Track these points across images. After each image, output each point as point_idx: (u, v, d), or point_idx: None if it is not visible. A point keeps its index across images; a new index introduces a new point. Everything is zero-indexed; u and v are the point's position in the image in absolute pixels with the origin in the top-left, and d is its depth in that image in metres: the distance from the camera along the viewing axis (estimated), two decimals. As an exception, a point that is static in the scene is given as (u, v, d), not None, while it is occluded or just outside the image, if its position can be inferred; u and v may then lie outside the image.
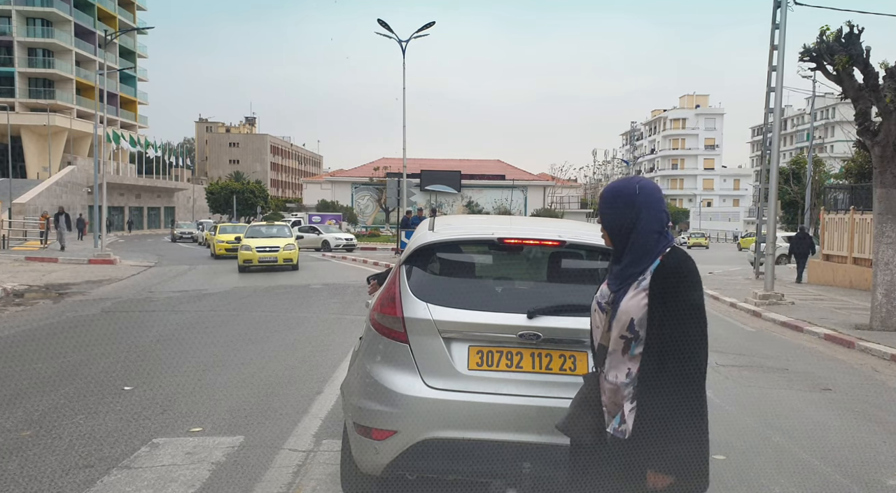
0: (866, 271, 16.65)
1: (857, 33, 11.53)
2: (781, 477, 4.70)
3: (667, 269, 2.38)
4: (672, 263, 2.39)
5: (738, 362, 8.92)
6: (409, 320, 3.38)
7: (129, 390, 6.54)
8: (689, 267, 2.40)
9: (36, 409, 5.82)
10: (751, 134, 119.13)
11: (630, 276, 2.45)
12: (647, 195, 2.47)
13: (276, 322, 11.34)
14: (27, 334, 10.02)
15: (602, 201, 2.56)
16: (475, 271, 3.87)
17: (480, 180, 57.59)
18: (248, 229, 24.65)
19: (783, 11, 15.86)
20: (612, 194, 2.53)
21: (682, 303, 2.33)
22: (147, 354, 8.48)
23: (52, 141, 58.60)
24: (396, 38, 29.74)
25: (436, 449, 3.24)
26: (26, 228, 40.94)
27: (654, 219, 2.45)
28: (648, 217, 2.45)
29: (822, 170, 37.62)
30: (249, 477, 4.35)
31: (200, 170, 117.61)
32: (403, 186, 26.81)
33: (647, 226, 2.44)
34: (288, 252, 21.96)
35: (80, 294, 15.05)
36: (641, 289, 2.40)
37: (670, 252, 2.43)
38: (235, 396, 6.40)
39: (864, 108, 11.38)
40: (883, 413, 6.73)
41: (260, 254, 21.60)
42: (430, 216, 4.44)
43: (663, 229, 2.46)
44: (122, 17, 75.46)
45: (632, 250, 2.46)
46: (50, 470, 4.40)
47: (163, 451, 4.81)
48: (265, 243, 21.98)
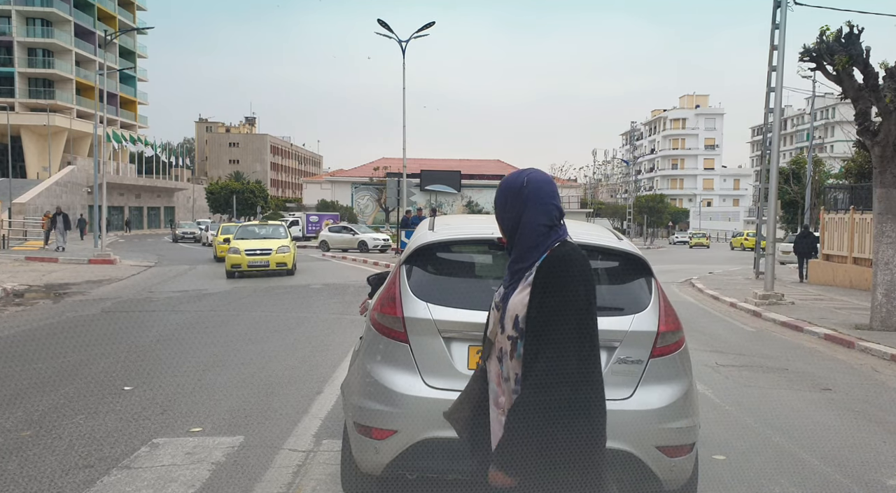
0: (866, 270, 16.65)
1: (856, 33, 11.53)
2: (781, 477, 4.70)
3: (548, 262, 2.28)
4: (555, 256, 2.29)
5: (738, 362, 8.92)
6: (410, 319, 3.40)
7: (129, 390, 6.54)
8: (573, 262, 2.27)
9: (36, 409, 5.83)
10: (751, 134, 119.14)
11: (517, 271, 2.37)
12: (534, 188, 2.37)
13: (276, 322, 11.34)
14: (27, 334, 10.02)
15: (495, 195, 2.50)
16: (475, 271, 3.90)
17: (480, 180, 57.66)
18: (239, 230, 22.30)
19: (783, 11, 15.87)
20: (502, 187, 2.45)
21: (556, 298, 2.21)
22: (147, 354, 8.48)
23: (52, 141, 58.62)
24: (396, 39, 29.75)
25: (436, 449, 3.24)
26: (26, 227, 40.95)
27: (541, 212, 2.35)
28: (535, 210, 2.35)
29: (822, 170, 37.62)
30: (249, 477, 4.35)
31: (200, 170, 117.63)
32: (403, 186, 26.82)
33: (533, 219, 2.34)
34: (282, 255, 19.88)
35: (80, 294, 15.05)
36: (527, 284, 2.30)
37: (559, 246, 2.32)
38: (235, 396, 6.40)
39: (864, 108, 11.38)
40: (883, 413, 6.73)
41: (249, 258, 19.46)
42: (430, 216, 4.45)
43: (554, 223, 2.37)
44: (122, 17, 75.48)
45: (518, 244, 2.38)
46: (50, 470, 4.40)
47: (163, 451, 4.81)
48: (256, 246, 19.94)
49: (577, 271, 2.26)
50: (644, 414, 3.31)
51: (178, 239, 47.77)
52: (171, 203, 78.83)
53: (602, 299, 3.58)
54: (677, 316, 3.60)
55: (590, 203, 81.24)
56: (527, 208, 2.36)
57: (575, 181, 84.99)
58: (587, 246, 3.71)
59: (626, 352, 3.36)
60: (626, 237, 4.00)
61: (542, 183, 2.40)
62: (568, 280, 2.23)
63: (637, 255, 3.69)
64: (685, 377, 3.51)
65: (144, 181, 71.14)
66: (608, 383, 3.23)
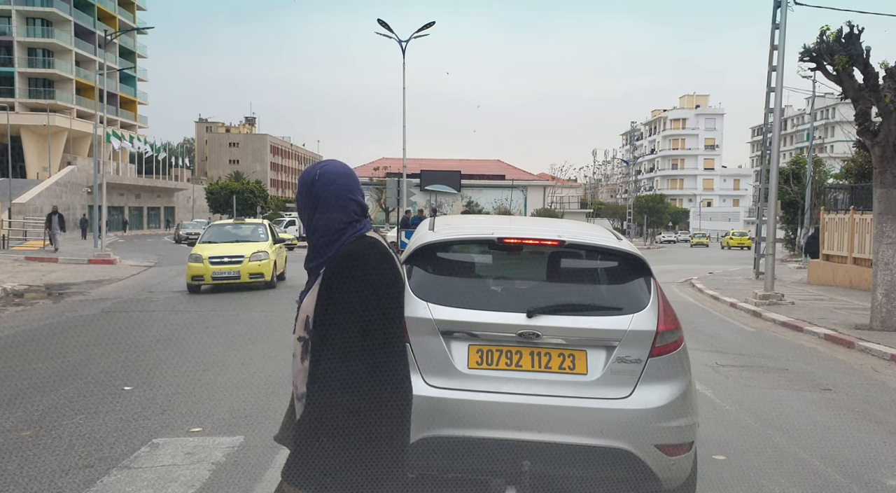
0: (866, 271, 16.64)
1: (857, 33, 11.52)
2: (782, 477, 4.70)
3: (335, 259, 2.17)
4: (342, 253, 2.17)
5: (739, 362, 8.92)
6: (410, 319, 3.39)
7: (128, 390, 6.54)
8: (360, 257, 2.15)
9: (36, 409, 5.82)
10: (751, 134, 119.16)
11: (312, 270, 2.26)
12: (327, 181, 2.25)
13: (276, 322, 11.33)
14: (27, 334, 10.02)
15: None
16: (475, 271, 3.92)
17: (480, 180, 57.56)
18: (207, 231, 18.11)
19: (783, 11, 15.86)
20: (299, 181, 2.32)
21: (340, 297, 2.09)
22: (147, 354, 8.48)
23: (52, 141, 58.60)
24: (396, 38, 29.75)
25: (436, 447, 3.26)
26: (26, 228, 40.93)
27: (335, 207, 2.24)
28: (329, 205, 2.24)
29: (822, 170, 37.55)
30: (249, 477, 4.35)
31: (200, 170, 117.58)
32: (403, 186, 26.80)
33: (326, 215, 2.23)
34: (256, 264, 15.70)
35: (79, 294, 15.05)
36: (319, 283, 2.19)
37: (352, 242, 2.20)
38: (235, 396, 6.39)
39: (864, 108, 11.37)
40: (883, 413, 6.72)
41: (214, 267, 15.41)
42: (430, 216, 4.47)
43: (352, 219, 2.24)
44: (122, 17, 75.45)
45: (313, 242, 2.27)
46: (50, 470, 4.40)
47: (163, 451, 4.81)
48: (223, 252, 15.83)
49: (364, 267, 2.13)
50: (643, 413, 3.32)
51: (181, 240, 44.98)
52: (170, 203, 78.80)
53: (601, 298, 3.69)
54: (676, 316, 3.61)
55: (590, 203, 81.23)
56: (320, 204, 2.24)
57: (575, 181, 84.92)
58: (587, 246, 3.79)
59: (626, 351, 3.37)
60: (625, 237, 4.02)
61: (336, 176, 2.28)
62: (351, 278, 2.11)
63: (636, 255, 3.70)
64: (684, 376, 3.53)
65: (144, 181, 71.09)
66: (607, 383, 3.34)
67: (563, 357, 3.35)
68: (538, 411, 3.24)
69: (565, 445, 3.24)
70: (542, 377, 3.32)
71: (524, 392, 3.28)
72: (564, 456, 3.24)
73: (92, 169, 49.42)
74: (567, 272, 3.83)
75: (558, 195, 67.02)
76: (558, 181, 70.10)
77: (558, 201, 66.20)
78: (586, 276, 3.80)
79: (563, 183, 72.49)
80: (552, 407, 3.25)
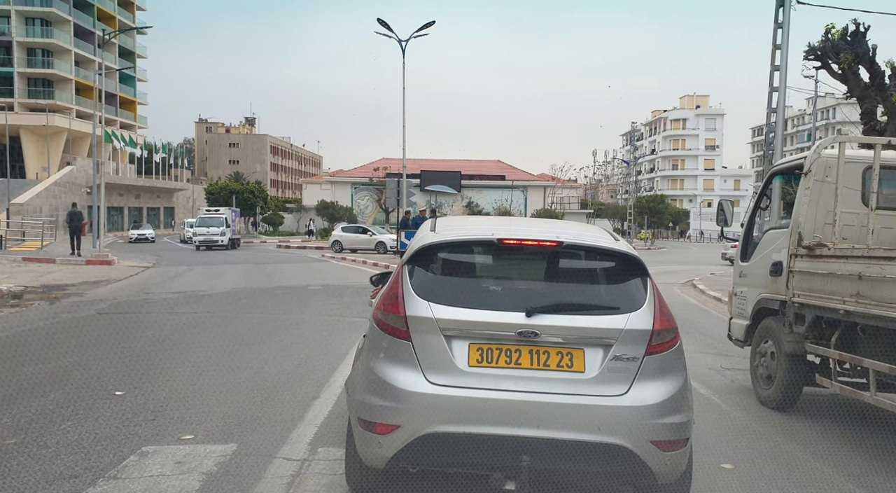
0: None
1: (862, 31, 11.39)
2: (793, 487, 4.54)
3: None
4: None
5: (743, 364, 8.72)
6: (412, 318, 3.53)
7: (120, 394, 6.37)
8: None
9: (24, 415, 5.66)
10: (751, 134, 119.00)
11: None
12: None
13: (273, 324, 11.18)
14: (20, 337, 9.85)
15: None
16: (475, 271, 4.00)
17: (480, 181, 57.44)
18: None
19: (786, 11, 15.69)
20: None
21: None
22: (141, 357, 8.30)
23: (52, 141, 58.44)
24: (396, 38, 29.59)
25: (437, 443, 3.37)
26: (24, 228, 40.76)
27: None
28: None
29: (824, 170, 37.41)
30: (240, 489, 4.18)
31: (200, 170, 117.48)
32: (403, 187, 26.61)
33: None
34: None
35: (76, 295, 14.89)
36: None
37: None
38: (229, 401, 6.23)
39: (869, 107, 11.25)
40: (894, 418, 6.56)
41: None
42: (430, 217, 4.48)
43: None
44: (122, 17, 75.31)
45: None
46: (33, 481, 4.23)
47: (152, 460, 4.64)
48: None
49: None
50: (639, 410, 3.40)
51: (187, 241, 42.80)
52: (170, 204, 78.69)
53: (599, 298, 3.79)
54: (672, 315, 3.70)
55: (590, 204, 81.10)
56: None
57: (575, 182, 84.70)
58: (585, 247, 3.92)
59: (622, 350, 3.45)
60: (622, 238, 4.11)
61: None
62: None
63: (632, 255, 3.80)
64: (680, 374, 3.60)
65: (144, 182, 70.96)
66: (604, 380, 3.44)
67: (562, 355, 3.44)
68: (537, 407, 3.34)
69: (563, 441, 3.33)
70: (541, 375, 3.41)
71: (523, 389, 3.37)
72: (562, 452, 3.33)
73: (91, 169, 49.26)
74: (565, 272, 3.94)
75: (558, 196, 66.88)
76: (558, 182, 69.87)
77: (558, 202, 66.07)
78: (584, 276, 3.92)
79: (564, 183, 72.28)
80: (551, 404, 3.35)
